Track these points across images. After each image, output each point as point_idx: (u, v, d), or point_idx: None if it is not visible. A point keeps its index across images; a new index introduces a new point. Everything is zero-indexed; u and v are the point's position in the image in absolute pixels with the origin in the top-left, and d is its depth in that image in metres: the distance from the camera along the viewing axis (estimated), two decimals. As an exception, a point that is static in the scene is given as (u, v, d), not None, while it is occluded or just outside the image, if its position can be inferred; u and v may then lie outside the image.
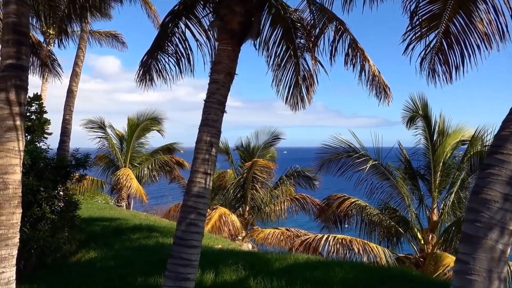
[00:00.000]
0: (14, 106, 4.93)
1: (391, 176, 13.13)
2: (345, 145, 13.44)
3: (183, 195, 20.19)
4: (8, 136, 4.89)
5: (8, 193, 4.86)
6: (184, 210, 4.93)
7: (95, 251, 9.24)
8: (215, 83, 5.26)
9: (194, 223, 4.84)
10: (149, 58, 7.69)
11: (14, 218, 4.90)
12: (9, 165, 4.88)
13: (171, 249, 4.99)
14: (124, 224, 11.84)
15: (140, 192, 17.95)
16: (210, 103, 5.19)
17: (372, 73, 8.38)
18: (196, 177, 4.97)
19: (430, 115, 13.21)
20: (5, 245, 4.79)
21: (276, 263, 7.38)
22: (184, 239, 4.80)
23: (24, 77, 5.14)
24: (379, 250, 12.06)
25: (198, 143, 5.11)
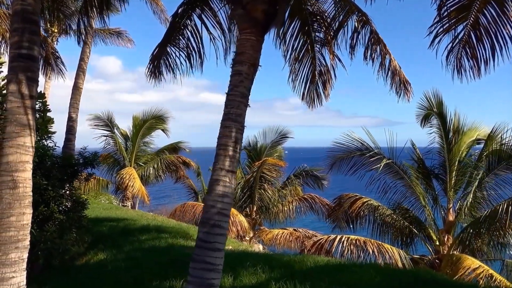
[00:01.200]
0: (25, 99, 4.61)
1: (405, 175, 12.78)
2: (358, 143, 13.10)
3: (188, 195, 19.96)
4: (18, 131, 4.57)
5: (18, 192, 4.54)
6: (207, 211, 4.60)
7: (104, 252, 8.92)
8: (238, 74, 4.93)
9: (218, 224, 4.51)
10: (160, 51, 7.38)
11: (24, 219, 4.57)
12: (19, 162, 4.56)
13: (193, 252, 4.65)
14: (131, 225, 11.52)
15: (142, 193, 17.62)
16: (233, 96, 4.86)
17: (393, 68, 8.06)
18: (219, 175, 4.64)
19: (445, 113, 12.87)
20: (15, 248, 4.47)
21: (295, 265, 7.05)
22: (207, 241, 4.47)
23: (35, 68, 4.82)
24: (394, 252, 11.71)
25: (221, 138, 4.78)
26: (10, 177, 4.50)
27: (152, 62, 7.31)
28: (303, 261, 7.33)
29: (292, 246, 15.99)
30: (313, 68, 8.48)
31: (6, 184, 4.48)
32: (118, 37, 25.80)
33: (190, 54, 7.45)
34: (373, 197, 13.68)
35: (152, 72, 7.18)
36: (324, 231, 20.23)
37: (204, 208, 4.71)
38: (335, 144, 13.30)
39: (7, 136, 4.57)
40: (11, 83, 4.63)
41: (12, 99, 4.60)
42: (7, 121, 4.61)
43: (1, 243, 4.42)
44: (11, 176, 4.50)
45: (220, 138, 4.78)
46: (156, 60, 7.29)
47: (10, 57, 4.73)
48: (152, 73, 7.18)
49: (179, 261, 7.71)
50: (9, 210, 4.47)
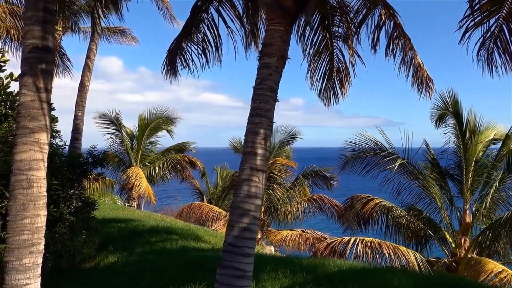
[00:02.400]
0: (40, 93, 4.29)
1: (420, 176, 12.45)
2: (372, 142, 12.77)
3: (193, 195, 19.61)
4: (32, 126, 4.25)
5: (33, 192, 4.22)
6: (235, 213, 4.27)
7: (114, 255, 8.60)
8: (266, 67, 4.61)
9: (247, 227, 4.19)
10: (176, 47, 7.09)
11: (39, 221, 4.25)
12: (33, 160, 4.24)
13: (221, 257, 4.32)
14: (140, 226, 11.20)
15: (148, 192, 17.29)
16: (261, 90, 4.54)
17: (417, 64, 7.76)
18: (248, 174, 4.33)
19: (462, 112, 12.54)
20: (29, 252, 4.15)
21: (317, 270, 6.72)
22: (237, 246, 4.14)
23: (50, 59, 4.50)
24: (410, 254, 11.38)
25: (249, 135, 4.46)
26: (24, 176, 4.18)
27: (168, 58, 7.01)
28: (325, 265, 7.01)
29: (302, 248, 15.67)
30: (330, 64, 8.18)
31: (19, 184, 4.17)
32: (122, 35, 25.47)
33: (207, 49, 7.14)
34: (383, 197, 13.41)
35: (168, 69, 6.87)
36: (332, 232, 19.93)
37: (231, 210, 4.39)
38: (348, 143, 12.98)
39: (20, 132, 4.25)
40: (25, 75, 4.31)
41: (26, 93, 4.28)
42: (20, 116, 4.29)
43: (14, 247, 4.10)
44: (25, 175, 4.19)
45: (248, 135, 4.46)
46: (172, 56, 6.99)
47: (23, 47, 4.41)
48: (168, 70, 6.87)
49: (194, 263, 7.40)
50: (23, 211, 4.15)
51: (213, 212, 17.53)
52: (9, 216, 4.19)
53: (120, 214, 13.53)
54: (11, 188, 4.21)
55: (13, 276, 4.08)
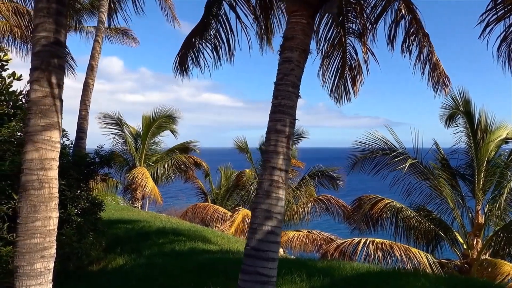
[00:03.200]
0: (52, 88, 4.07)
1: (431, 176, 12.22)
2: (381, 142, 12.56)
3: (196, 195, 19.37)
4: (43, 124, 4.03)
5: (44, 193, 4.00)
6: (258, 215, 4.05)
7: (122, 257, 8.38)
8: (288, 62, 4.39)
9: (272, 231, 3.97)
10: (188, 44, 6.92)
11: (50, 224, 4.03)
12: (45, 159, 4.02)
13: (242, 262, 4.10)
14: (147, 227, 10.98)
15: (155, 193, 17.08)
16: (284, 86, 4.32)
17: (435, 62, 7.55)
18: (272, 175, 4.10)
19: (473, 111, 12.31)
20: (41, 257, 3.93)
21: (334, 273, 6.50)
22: (261, 250, 3.92)
23: (62, 54, 4.28)
24: (422, 256, 11.17)
25: (270, 133, 4.24)
26: (35, 176, 3.96)
27: (179, 56, 6.83)
28: (341, 268, 6.78)
29: (308, 249, 15.44)
30: (343, 62, 7.97)
31: (30, 184, 3.95)
32: (123, 35, 25.33)
33: (218, 45, 6.94)
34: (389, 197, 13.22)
35: (179, 67, 6.69)
36: (336, 232, 19.70)
37: (254, 212, 4.16)
38: (357, 143, 12.77)
39: (31, 130, 4.03)
40: (36, 70, 4.09)
41: (37, 88, 4.06)
42: (30, 112, 4.07)
43: (25, 251, 3.88)
44: (36, 175, 3.97)
45: (270, 133, 4.24)
46: (183, 55, 6.81)
47: (34, 41, 4.19)
48: (179, 68, 6.68)
49: (205, 266, 7.19)
50: (34, 213, 3.93)
51: (218, 213, 17.32)
52: (19, 219, 3.96)
53: (125, 215, 13.31)
54: (22, 188, 3.99)
55: (24, 282, 3.87)
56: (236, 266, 7.29)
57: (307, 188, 17.72)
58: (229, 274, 6.54)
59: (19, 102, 8.78)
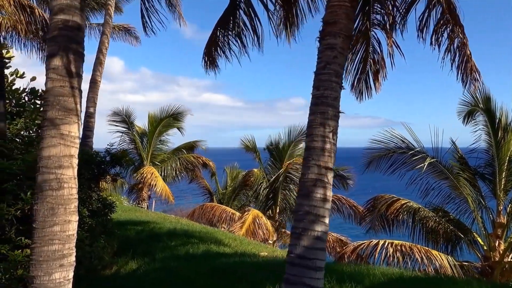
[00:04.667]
0: (71, 77, 3.65)
1: (451, 176, 11.80)
2: (398, 140, 12.13)
3: (202, 195, 18.97)
4: (62, 117, 3.60)
5: (63, 194, 3.58)
6: (302, 219, 3.63)
7: (135, 261, 7.97)
8: (330, 49, 3.97)
9: (319, 236, 3.55)
10: (214, 37, 6.56)
11: (70, 228, 3.61)
12: (63, 156, 3.59)
13: (287, 271, 3.67)
14: (157, 229, 10.57)
15: (166, 192, 16.67)
16: (326, 75, 3.90)
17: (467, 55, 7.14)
18: (317, 173, 3.69)
19: (494, 108, 11.88)
20: (60, 265, 3.51)
21: (364, 279, 6.08)
22: (307, 258, 3.50)
23: (81, 39, 3.86)
24: (443, 259, 10.74)
25: (313, 128, 3.82)
26: (52, 175, 3.55)
27: (206, 50, 6.48)
28: (370, 273, 6.36)
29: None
30: (365, 55, 7.55)
31: (48, 184, 3.53)
32: (126, 33, 24.92)
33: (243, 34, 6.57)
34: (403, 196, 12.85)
35: (207, 60, 6.32)
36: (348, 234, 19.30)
37: (297, 216, 3.74)
38: (373, 141, 12.35)
39: (48, 124, 3.61)
40: (53, 57, 3.67)
41: (55, 77, 3.64)
42: (47, 104, 3.65)
43: (43, 259, 3.46)
44: (54, 174, 3.55)
45: (312, 128, 3.82)
46: (210, 48, 6.45)
47: (50, 25, 3.77)
48: (207, 62, 6.32)
49: (225, 271, 6.78)
50: (52, 217, 3.51)
51: (226, 213, 16.91)
52: (35, 223, 3.54)
53: (133, 216, 12.90)
54: (38, 189, 3.57)
55: (41, 294, 3.45)
56: (257, 270, 6.89)
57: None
58: (251, 279, 6.13)
59: (22, 100, 8.41)
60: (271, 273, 6.37)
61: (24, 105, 8.44)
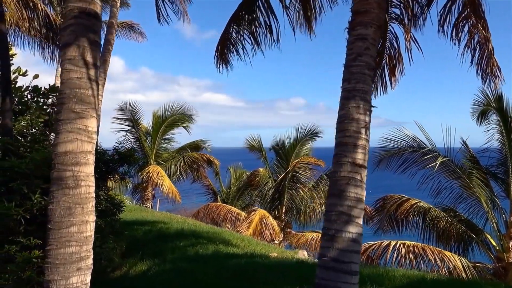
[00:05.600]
0: (88, 68, 3.43)
1: (463, 175, 11.58)
2: (409, 139, 11.92)
3: (205, 195, 18.75)
4: (79, 110, 3.38)
5: (80, 193, 3.36)
6: (335, 219, 3.42)
7: (144, 262, 7.74)
8: (362, 40, 3.75)
9: (353, 238, 3.33)
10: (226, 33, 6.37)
11: (87, 229, 3.39)
12: (80, 152, 3.37)
13: (318, 275, 3.45)
14: (165, 229, 10.34)
15: (173, 191, 16.44)
16: (358, 67, 3.68)
17: (490, 51, 6.94)
18: (349, 171, 3.47)
19: (506, 107, 11.67)
20: (77, 269, 3.29)
21: (384, 281, 5.86)
22: (342, 261, 3.28)
23: (98, 28, 3.63)
24: (456, 260, 10.53)
25: (345, 123, 3.60)
26: (69, 173, 3.33)
27: (219, 46, 6.28)
28: (389, 275, 6.15)
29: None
30: (381, 50, 7.33)
31: (64, 182, 3.31)
32: (130, 30, 24.66)
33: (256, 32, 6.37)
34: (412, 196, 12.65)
35: (220, 57, 6.12)
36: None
37: (329, 216, 3.51)
38: (384, 140, 12.14)
39: (64, 118, 3.39)
40: (69, 46, 3.45)
41: (71, 68, 3.41)
42: (63, 97, 3.44)
43: (59, 262, 3.24)
44: (71, 171, 3.33)
45: (344, 123, 3.60)
46: (222, 44, 6.26)
47: (66, 12, 3.55)
48: (219, 58, 6.12)
49: (240, 273, 6.57)
50: (69, 217, 3.29)
51: (232, 213, 16.67)
52: (50, 223, 3.32)
53: (139, 216, 12.67)
54: (54, 187, 3.35)
55: (57, 300, 3.23)
56: (273, 272, 6.67)
57: (322, 188, 17.07)
58: (269, 282, 5.91)
59: (24, 98, 8.21)
60: (288, 275, 6.16)
61: (26, 103, 8.23)
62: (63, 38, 3.52)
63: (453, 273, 10.17)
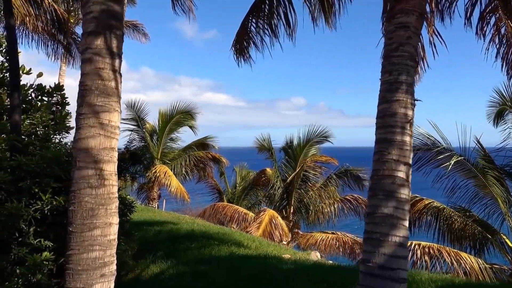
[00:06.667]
0: (112, 58, 3.17)
1: (479, 174, 11.31)
2: (424, 137, 11.67)
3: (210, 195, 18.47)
4: (102, 103, 3.13)
5: (103, 193, 3.10)
6: (380, 222, 3.15)
7: (156, 264, 7.48)
8: (403, 28, 3.48)
9: (401, 243, 3.07)
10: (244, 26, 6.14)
11: (111, 232, 3.14)
12: (103, 148, 3.12)
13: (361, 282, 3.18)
14: (175, 230, 10.08)
15: (181, 191, 16.18)
16: (400, 58, 3.42)
17: (516, 44, 6.68)
18: (394, 169, 3.20)
19: (522, 106, 11.42)
20: (101, 275, 3.03)
21: (411, 285, 5.59)
22: (389, 268, 3.02)
23: (121, 16, 3.38)
24: (473, 261, 10.27)
25: (387, 117, 3.33)
26: (92, 171, 3.07)
27: (236, 39, 6.05)
28: (415, 279, 5.88)
29: (341, 252, 14.53)
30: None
31: (86, 181, 3.06)
32: (134, 30, 24.36)
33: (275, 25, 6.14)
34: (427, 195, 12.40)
35: (238, 51, 5.89)
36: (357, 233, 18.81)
37: (373, 219, 3.24)
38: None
39: (86, 111, 3.14)
40: (92, 35, 3.20)
41: (93, 57, 3.16)
42: (85, 89, 3.18)
43: (81, 268, 2.98)
44: (94, 169, 3.08)
45: (386, 118, 3.33)
46: (240, 37, 6.03)
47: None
48: (238, 52, 5.89)
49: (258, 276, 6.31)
50: (92, 219, 3.04)
51: (239, 213, 16.42)
52: (71, 226, 3.07)
53: (147, 216, 12.42)
54: (75, 187, 3.10)
55: (80, 309, 2.97)
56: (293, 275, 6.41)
57: (333, 188, 16.81)
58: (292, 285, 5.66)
59: (28, 97, 7.95)
60: (310, 278, 5.90)
61: (31, 102, 7.97)
62: (85, 26, 3.27)
63: (470, 275, 9.93)
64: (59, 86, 8.71)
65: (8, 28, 6.51)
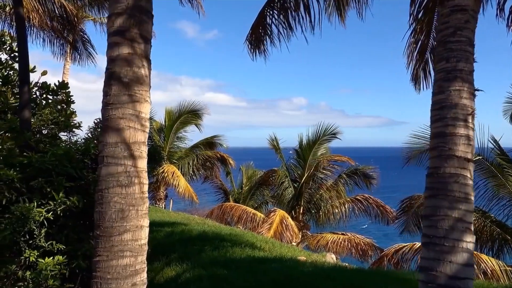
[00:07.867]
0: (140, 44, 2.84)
1: (499, 174, 10.99)
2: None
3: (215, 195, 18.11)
4: (131, 93, 2.79)
5: (134, 192, 2.78)
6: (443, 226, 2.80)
7: (171, 267, 7.16)
8: (461, 11, 3.15)
9: (468, 249, 2.73)
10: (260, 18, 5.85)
11: (142, 236, 2.81)
12: (133, 142, 2.79)
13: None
14: (187, 231, 9.76)
15: (189, 192, 15.84)
16: (457, 43, 3.09)
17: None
18: (456, 167, 2.86)
19: (540, 103, 11.09)
20: (132, 285, 2.70)
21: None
22: (456, 277, 2.68)
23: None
24: (493, 263, 9.94)
25: (445, 108, 3.00)
26: (121, 167, 2.75)
27: (251, 32, 5.76)
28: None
29: (353, 254, 14.19)
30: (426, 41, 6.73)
31: (115, 180, 2.73)
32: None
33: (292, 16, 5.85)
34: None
35: (254, 43, 5.59)
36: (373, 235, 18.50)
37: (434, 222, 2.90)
38: (413, 137, 11.62)
39: (114, 101, 2.81)
40: (120, 16, 2.87)
41: (122, 42, 2.84)
42: (111, 78, 2.85)
43: (111, 277, 2.66)
44: (123, 165, 2.75)
45: (445, 109, 3.00)
46: (256, 30, 5.74)
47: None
48: (253, 44, 5.59)
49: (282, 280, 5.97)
50: (122, 221, 2.71)
51: (247, 214, 16.07)
52: (99, 229, 2.74)
53: (155, 216, 12.10)
54: (102, 185, 2.77)
55: (109, 323, 2.65)
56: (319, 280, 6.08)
57: (343, 188, 16.47)
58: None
59: (32, 95, 7.64)
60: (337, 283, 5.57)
61: (35, 100, 7.66)
62: (112, 7, 2.94)
63: (490, 277, 9.62)
64: (64, 84, 8.38)
65: (18, 19, 6.19)
